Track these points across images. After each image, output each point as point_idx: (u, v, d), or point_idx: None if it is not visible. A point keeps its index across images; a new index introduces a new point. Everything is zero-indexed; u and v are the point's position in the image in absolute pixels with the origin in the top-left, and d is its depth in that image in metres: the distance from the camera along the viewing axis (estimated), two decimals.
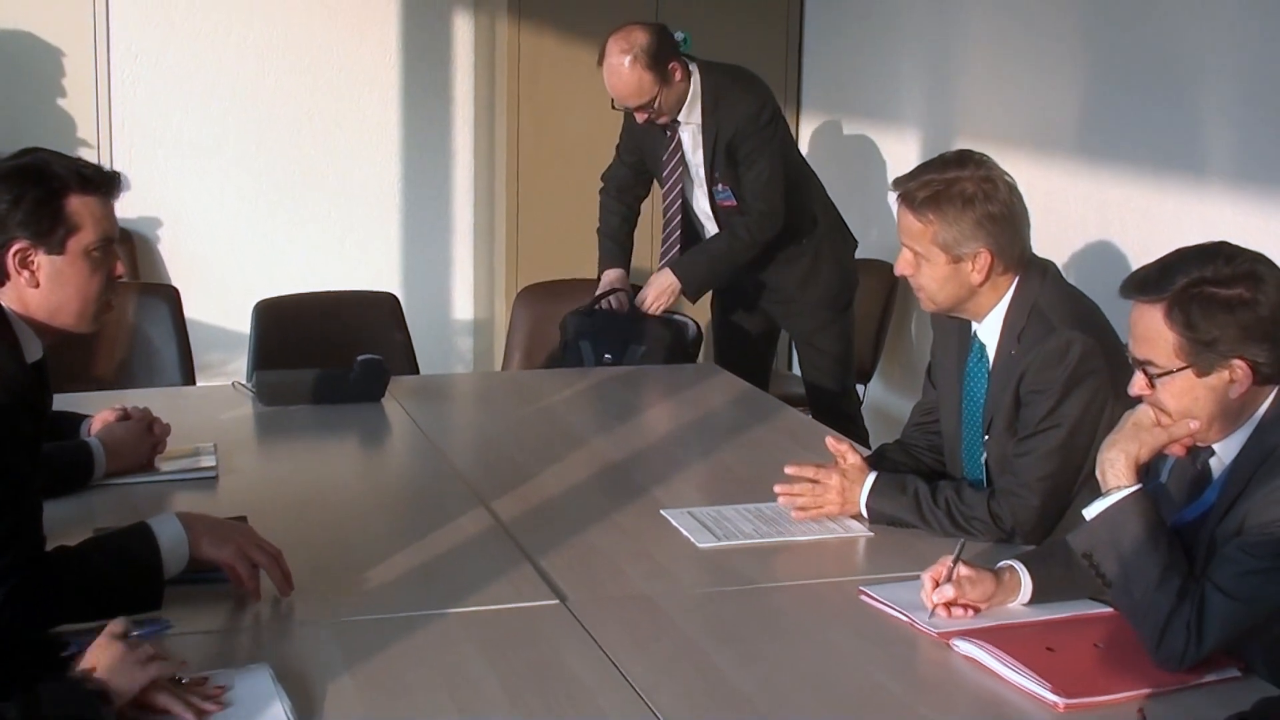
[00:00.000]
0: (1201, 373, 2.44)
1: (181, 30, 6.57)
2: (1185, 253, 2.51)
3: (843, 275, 5.14)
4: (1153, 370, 2.49)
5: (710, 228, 5.03)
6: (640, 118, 4.83)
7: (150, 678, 2.20)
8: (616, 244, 5.19)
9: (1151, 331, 2.47)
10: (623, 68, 4.73)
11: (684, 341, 5.00)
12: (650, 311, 4.90)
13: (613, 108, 4.91)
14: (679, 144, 4.94)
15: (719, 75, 4.90)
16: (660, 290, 4.90)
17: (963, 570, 2.66)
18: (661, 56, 4.75)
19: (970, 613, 2.65)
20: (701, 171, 4.93)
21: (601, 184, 5.30)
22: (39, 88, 6.44)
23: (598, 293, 5.02)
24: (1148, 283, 2.49)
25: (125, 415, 3.42)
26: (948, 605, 2.64)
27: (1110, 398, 2.97)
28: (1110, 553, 2.49)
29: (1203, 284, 2.42)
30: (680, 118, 4.87)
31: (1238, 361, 2.42)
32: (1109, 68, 4.77)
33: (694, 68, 4.87)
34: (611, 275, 5.10)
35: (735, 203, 4.90)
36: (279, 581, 2.68)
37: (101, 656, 2.19)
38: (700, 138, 4.89)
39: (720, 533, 3.09)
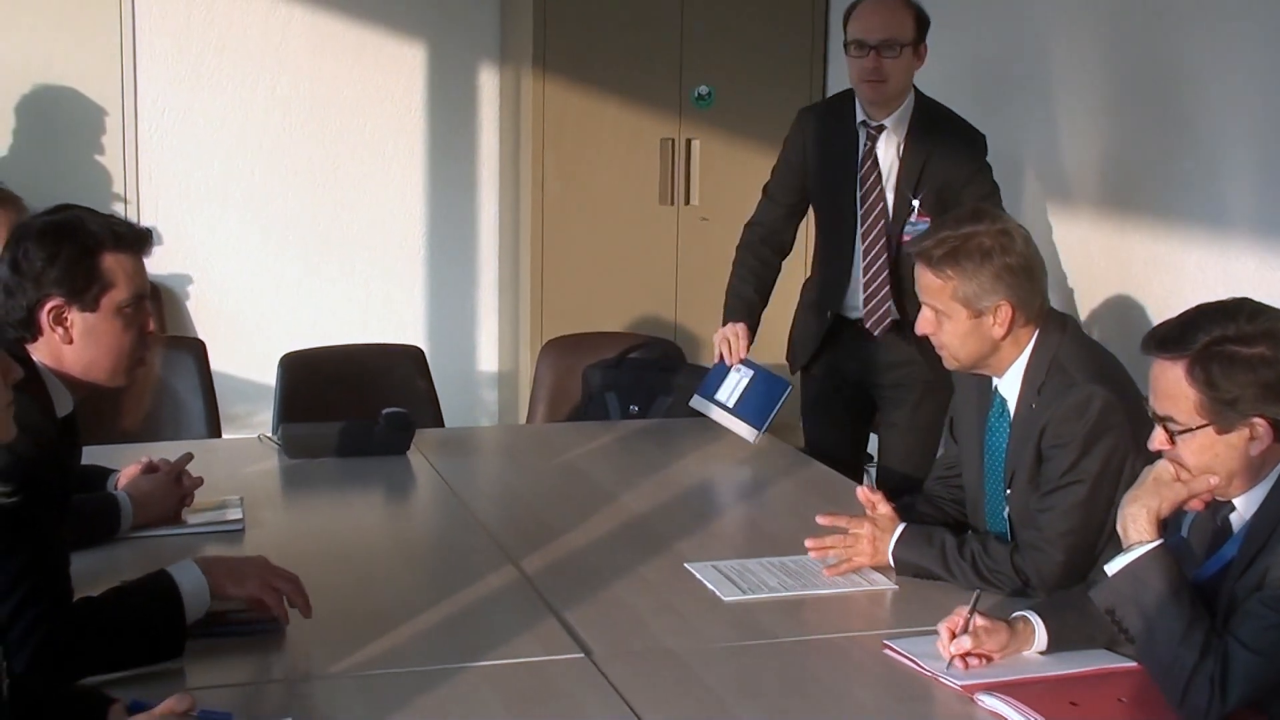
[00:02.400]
0: (1222, 430, 2.45)
1: (208, 85, 6.64)
2: (1206, 309, 2.52)
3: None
4: (1173, 427, 2.49)
5: (884, 278, 4.40)
6: (869, 65, 4.32)
7: None
8: (742, 301, 4.58)
9: (1173, 388, 2.48)
10: (893, 1, 4.40)
11: None
12: None
13: (848, 47, 4.38)
14: (875, 160, 4.41)
15: (935, 104, 4.52)
16: None
17: (979, 621, 2.67)
18: (924, 23, 4.42)
19: (984, 662, 2.65)
20: (891, 196, 4.39)
21: (743, 233, 4.70)
22: (79, 143, 6.51)
23: (718, 351, 4.45)
24: (1169, 340, 2.50)
25: (152, 468, 3.44)
26: (964, 656, 2.64)
27: (1131, 452, 2.97)
28: (1133, 608, 2.49)
29: (1224, 342, 2.43)
30: (888, 121, 4.40)
31: (1259, 420, 2.42)
32: (1132, 122, 4.78)
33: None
34: (733, 328, 4.48)
35: None
36: (302, 605, 2.73)
37: None
38: (903, 155, 4.38)
39: (745, 586, 3.09)
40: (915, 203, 4.35)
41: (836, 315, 4.55)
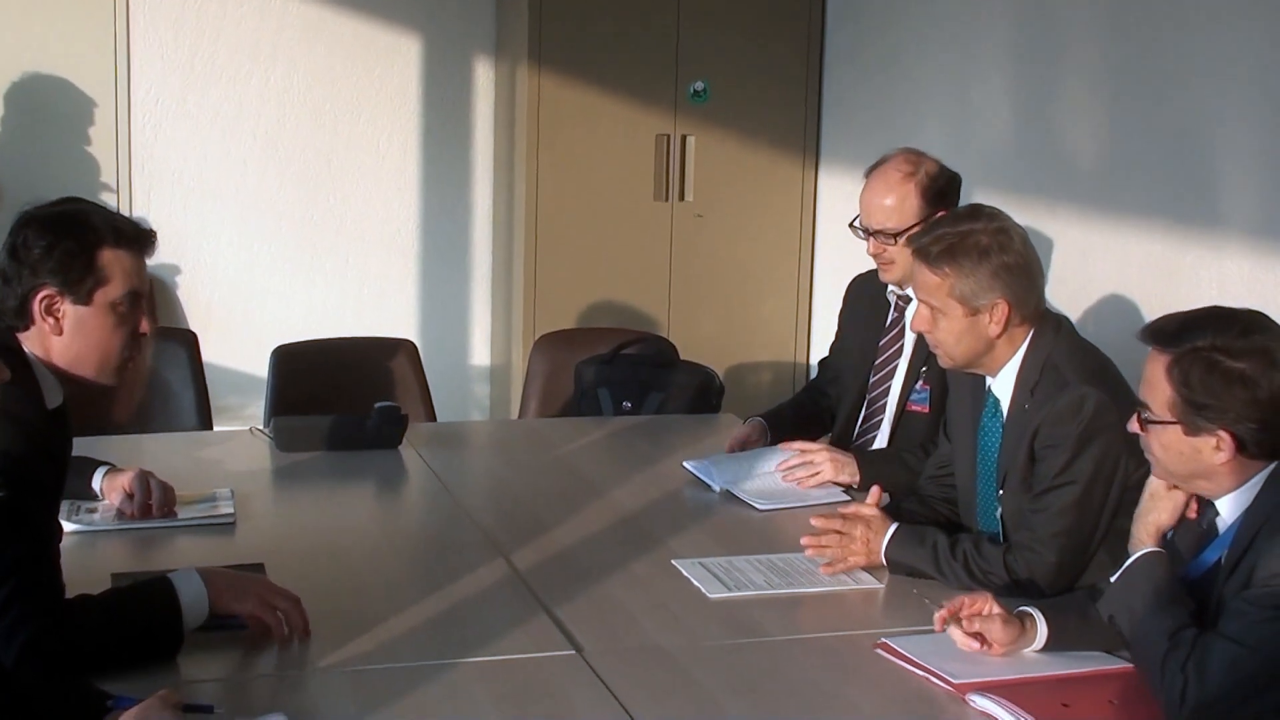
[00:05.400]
0: (1189, 432, 2.49)
1: (202, 75, 6.62)
2: (1208, 313, 2.56)
3: None
4: (1146, 414, 2.54)
5: (879, 440, 4.13)
6: (871, 248, 4.03)
7: None
8: (774, 408, 4.40)
9: (1153, 379, 2.52)
10: (895, 178, 3.99)
11: (707, 392, 4.99)
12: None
13: (851, 227, 4.09)
14: (903, 329, 4.10)
15: None
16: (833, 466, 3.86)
17: (996, 609, 2.70)
18: (938, 196, 3.99)
19: (986, 647, 2.68)
20: (906, 364, 4.09)
21: None
22: (69, 133, 6.49)
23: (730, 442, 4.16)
24: (1163, 334, 2.53)
25: (145, 483, 3.41)
26: (973, 634, 2.68)
27: (1124, 453, 2.97)
28: (1125, 610, 2.53)
29: (1213, 350, 2.45)
30: (911, 291, 3.77)
31: (1224, 432, 2.46)
32: (1130, 125, 4.78)
33: None
34: (749, 426, 4.24)
35: (927, 408, 3.99)
36: (299, 626, 2.70)
37: (152, 718, 2.19)
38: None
39: (731, 583, 3.09)
40: (923, 369, 4.01)
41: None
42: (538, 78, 6.42)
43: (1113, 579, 2.58)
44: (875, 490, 3.30)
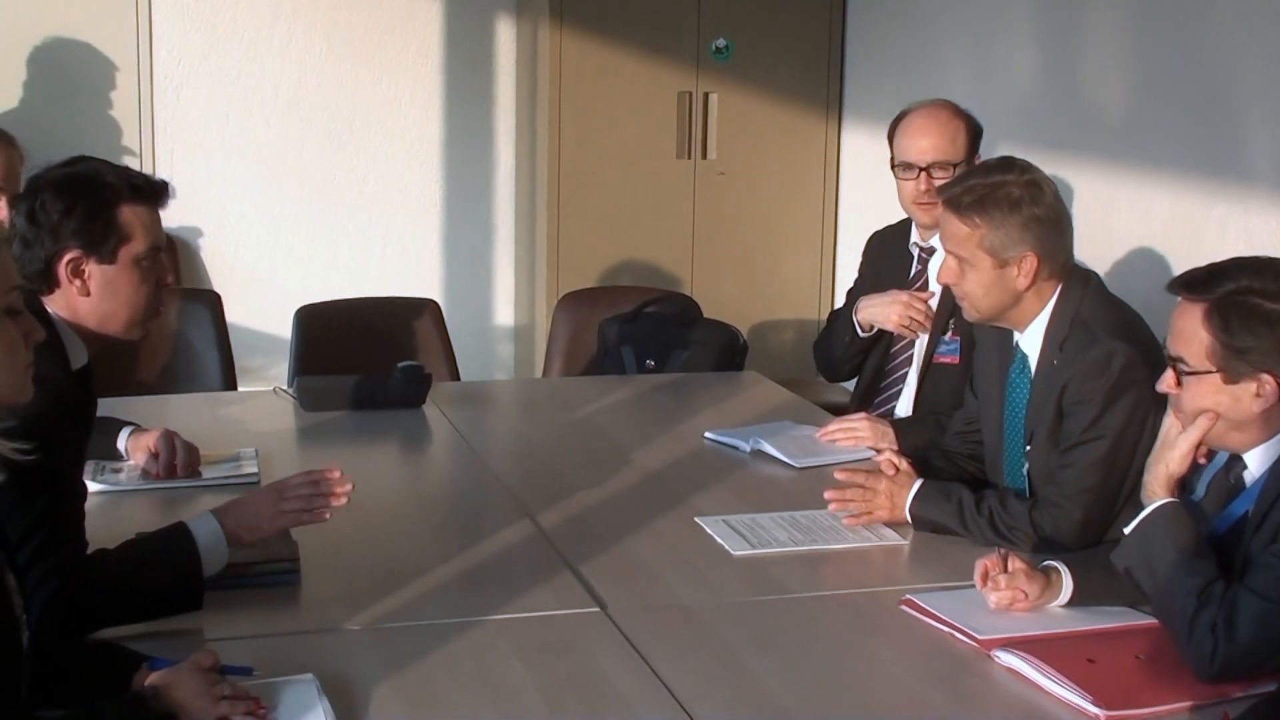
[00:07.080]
0: (1229, 380, 2.45)
1: (224, 36, 6.60)
2: (1239, 261, 2.53)
3: None
4: (1182, 368, 2.51)
5: (905, 392, 4.12)
6: (919, 186, 4.01)
7: (223, 714, 2.19)
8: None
9: (1188, 329, 2.48)
10: (945, 114, 4.09)
11: (731, 350, 4.98)
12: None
13: (894, 168, 4.10)
14: (926, 280, 4.09)
15: None
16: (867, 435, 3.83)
17: (1018, 563, 2.70)
18: (976, 139, 4.10)
19: (1022, 597, 2.67)
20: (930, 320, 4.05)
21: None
22: (91, 96, 6.48)
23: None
24: (1195, 283, 2.50)
25: (169, 443, 3.42)
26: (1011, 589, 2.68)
27: (1153, 409, 2.95)
28: (1144, 566, 2.51)
29: (1249, 293, 2.42)
30: (936, 242, 3.97)
31: (1267, 376, 2.42)
32: (1156, 77, 4.75)
33: None
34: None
35: (957, 359, 3.95)
36: (340, 491, 2.75)
37: (183, 680, 2.19)
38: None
39: (755, 540, 3.09)
40: (951, 321, 3.97)
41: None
42: (559, 35, 6.39)
43: (1127, 530, 2.57)
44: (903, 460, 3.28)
